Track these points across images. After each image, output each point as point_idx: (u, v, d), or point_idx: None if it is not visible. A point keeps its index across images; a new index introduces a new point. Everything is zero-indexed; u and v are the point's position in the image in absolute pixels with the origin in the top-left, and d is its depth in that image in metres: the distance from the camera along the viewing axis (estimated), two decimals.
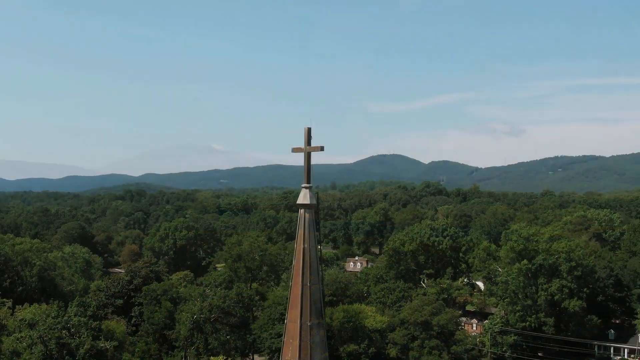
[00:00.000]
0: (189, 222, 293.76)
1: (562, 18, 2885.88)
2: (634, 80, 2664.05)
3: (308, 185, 26.17)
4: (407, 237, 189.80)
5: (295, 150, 26.47)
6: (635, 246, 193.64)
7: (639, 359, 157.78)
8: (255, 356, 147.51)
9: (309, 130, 26.14)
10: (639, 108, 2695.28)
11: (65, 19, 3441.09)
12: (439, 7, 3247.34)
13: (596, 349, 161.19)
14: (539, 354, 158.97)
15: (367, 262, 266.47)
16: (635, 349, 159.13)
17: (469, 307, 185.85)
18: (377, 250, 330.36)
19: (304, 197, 26.21)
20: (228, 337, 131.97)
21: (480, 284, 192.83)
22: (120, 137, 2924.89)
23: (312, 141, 26.33)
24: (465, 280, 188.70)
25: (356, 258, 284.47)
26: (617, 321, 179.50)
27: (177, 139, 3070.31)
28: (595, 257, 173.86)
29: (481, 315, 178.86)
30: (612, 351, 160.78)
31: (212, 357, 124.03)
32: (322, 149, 26.17)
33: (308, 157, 26.12)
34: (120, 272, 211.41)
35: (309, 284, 25.74)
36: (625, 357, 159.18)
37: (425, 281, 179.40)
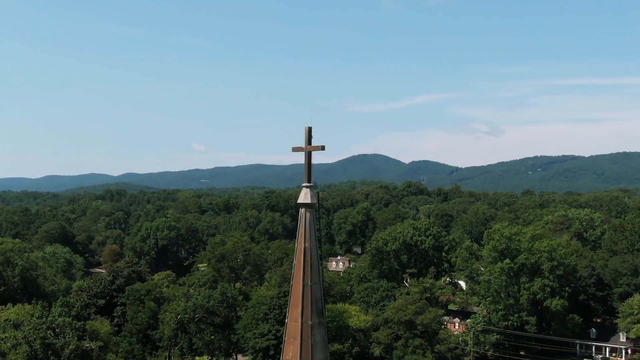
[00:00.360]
0: (171, 221, 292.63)
1: (541, 19, 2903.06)
2: (613, 81, 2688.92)
3: (309, 184, 26.09)
4: (390, 237, 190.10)
5: (295, 149, 26.27)
6: (616, 245, 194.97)
7: (620, 357, 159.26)
8: (239, 356, 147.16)
9: (310, 129, 25.94)
10: (618, 109, 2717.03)
11: (49, 19, 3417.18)
12: (420, 8, 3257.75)
13: (578, 348, 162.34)
14: (521, 353, 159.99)
15: (349, 261, 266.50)
16: (616, 348, 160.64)
17: (451, 307, 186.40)
18: (359, 250, 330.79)
19: (304, 196, 26.11)
20: (212, 337, 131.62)
21: (463, 283, 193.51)
22: (99, 136, 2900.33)
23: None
24: (447, 279, 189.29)
25: (338, 257, 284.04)
26: (599, 320, 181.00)
27: (157, 138, 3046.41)
28: (577, 257, 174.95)
29: (464, 314, 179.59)
30: (593, 350, 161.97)
31: (196, 357, 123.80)
32: (322, 148, 25.95)
33: (309, 157, 25.94)
34: (102, 272, 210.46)
35: (310, 283, 25.70)
36: (607, 355, 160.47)
37: (408, 280, 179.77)
